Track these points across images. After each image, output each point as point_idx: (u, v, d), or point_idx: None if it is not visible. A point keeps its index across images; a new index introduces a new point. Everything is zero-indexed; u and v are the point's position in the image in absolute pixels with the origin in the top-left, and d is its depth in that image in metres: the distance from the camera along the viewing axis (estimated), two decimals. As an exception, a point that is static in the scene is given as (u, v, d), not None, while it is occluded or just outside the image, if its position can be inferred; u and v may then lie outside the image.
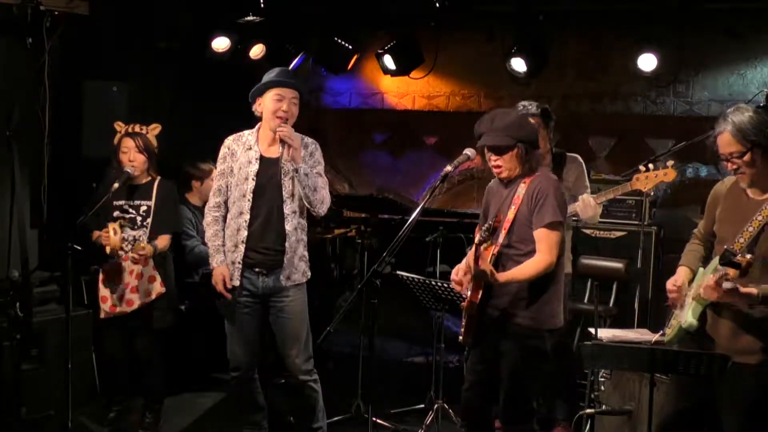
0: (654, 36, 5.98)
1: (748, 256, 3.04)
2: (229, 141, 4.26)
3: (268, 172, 4.16)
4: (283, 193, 4.12)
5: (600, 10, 6.34)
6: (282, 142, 4.02)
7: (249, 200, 4.13)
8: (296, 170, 4.03)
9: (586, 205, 4.43)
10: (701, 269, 3.42)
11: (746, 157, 3.19)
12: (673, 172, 4.37)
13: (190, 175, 5.81)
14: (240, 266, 4.17)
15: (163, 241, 4.75)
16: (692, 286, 3.38)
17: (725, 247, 3.18)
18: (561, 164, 4.68)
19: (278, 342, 4.27)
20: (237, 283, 4.18)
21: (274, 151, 4.18)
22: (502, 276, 3.51)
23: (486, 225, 3.53)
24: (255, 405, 4.41)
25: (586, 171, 4.74)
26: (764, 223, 3.19)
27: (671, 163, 4.41)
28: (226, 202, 4.24)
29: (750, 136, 3.17)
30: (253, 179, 4.13)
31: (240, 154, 4.19)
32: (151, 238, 4.71)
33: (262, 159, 4.17)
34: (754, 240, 3.18)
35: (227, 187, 4.22)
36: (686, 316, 3.29)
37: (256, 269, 4.17)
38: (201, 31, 6.06)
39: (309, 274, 4.26)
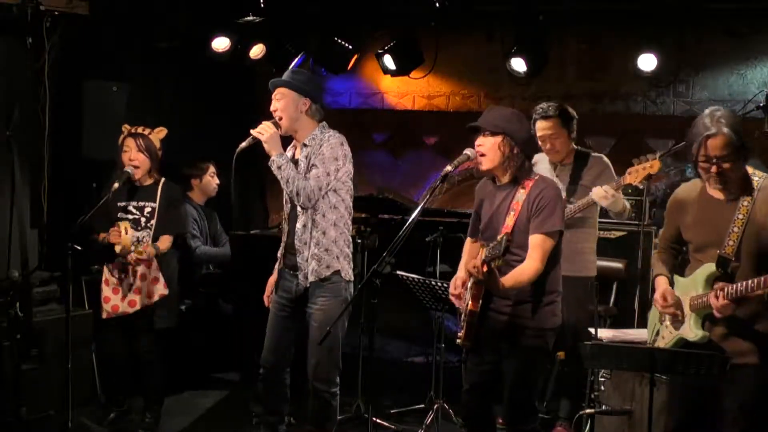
0: (654, 36, 5.98)
1: (731, 243, 3.15)
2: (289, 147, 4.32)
3: None
4: None
5: (600, 10, 6.33)
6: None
7: (288, 203, 4.23)
8: (269, 163, 4.06)
9: (600, 196, 4.49)
10: (680, 278, 3.43)
11: (737, 162, 3.20)
12: (657, 162, 4.42)
13: (189, 175, 5.83)
14: (281, 268, 4.26)
15: (165, 242, 4.79)
16: (680, 298, 3.38)
17: (718, 252, 3.21)
18: (583, 164, 4.72)
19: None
20: (277, 285, 4.28)
21: (297, 153, 4.22)
22: (502, 283, 3.47)
23: (494, 243, 3.41)
24: (274, 407, 4.38)
25: (612, 168, 4.74)
26: (746, 222, 3.21)
27: (657, 155, 4.46)
28: None
29: (741, 141, 3.19)
30: None
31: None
32: (155, 240, 4.74)
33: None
34: (740, 240, 3.20)
35: None
36: (691, 329, 3.29)
37: (292, 272, 4.21)
38: (201, 31, 6.06)
39: (323, 273, 4.12)
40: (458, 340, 3.68)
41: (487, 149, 3.64)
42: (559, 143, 4.70)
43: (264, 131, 4.03)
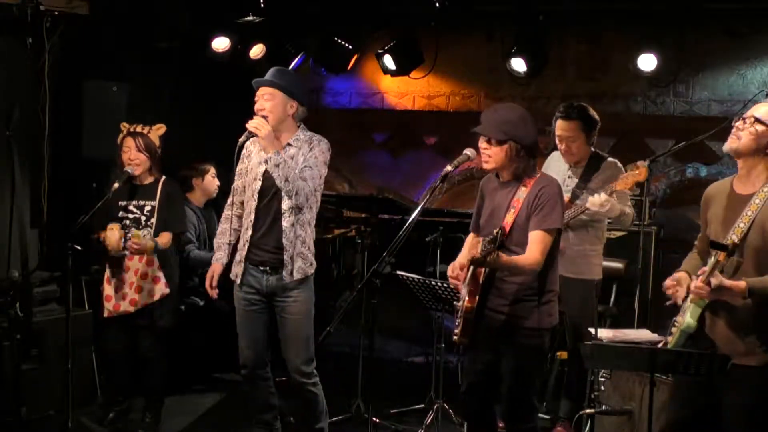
0: (654, 36, 5.98)
1: (734, 237, 3.10)
2: (248, 142, 4.27)
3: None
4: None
5: (600, 10, 6.34)
6: (250, 133, 4.07)
7: (256, 200, 4.19)
8: (266, 160, 4.05)
9: (595, 204, 4.42)
10: None
11: None
12: (645, 170, 4.38)
13: (190, 176, 5.82)
14: (243, 264, 4.21)
15: (164, 238, 4.79)
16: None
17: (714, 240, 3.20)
18: (595, 168, 4.64)
19: (281, 341, 4.28)
20: (238, 280, 4.23)
21: None
22: (503, 258, 3.47)
23: (490, 237, 3.43)
24: (265, 404, 4.40)
25: (623, 174, 4.61)
26: (753, 218, 3.19)
27: (644, 163, 4.42)
28: (242, 202, 4.29)
29: None
30: (260, 179, 4.17)
31: (254, 155, 4.23)
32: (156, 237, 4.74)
33: None
34: (744, 236, 3.18)
35: (243, 187, 4.27)
36: (685, 318, 3.28)
37: (261, 267, 4.19)
38: (201, 31, 6.06)
39: (308, 271, 4.19)
40: (454, 338, 3.67)
41: (493, 153, 3.62)
42: (575, 146, 4.62)
43: (260, 127, 4.02)
